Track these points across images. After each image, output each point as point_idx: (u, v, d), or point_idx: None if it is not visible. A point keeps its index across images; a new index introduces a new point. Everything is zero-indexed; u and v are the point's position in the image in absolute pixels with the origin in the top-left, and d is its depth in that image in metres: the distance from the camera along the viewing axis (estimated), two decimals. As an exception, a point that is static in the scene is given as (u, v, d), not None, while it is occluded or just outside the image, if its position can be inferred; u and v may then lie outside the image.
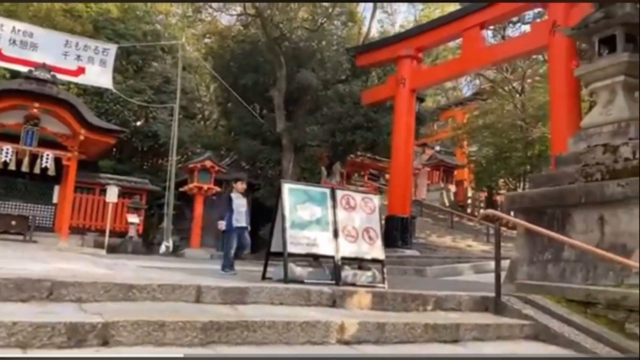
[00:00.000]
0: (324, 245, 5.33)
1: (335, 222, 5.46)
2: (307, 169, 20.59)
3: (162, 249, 18.34)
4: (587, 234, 6.82)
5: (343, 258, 5.39)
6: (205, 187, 19.52)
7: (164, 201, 19.87)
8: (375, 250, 5.60)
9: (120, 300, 4.02)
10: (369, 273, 5.57)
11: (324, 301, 4.83)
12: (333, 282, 5.30)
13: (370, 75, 21.90)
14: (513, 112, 32.37)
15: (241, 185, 7.59)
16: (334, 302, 4.86)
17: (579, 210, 6.96)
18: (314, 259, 5.40)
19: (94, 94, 22.62)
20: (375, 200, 5.82)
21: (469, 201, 38.95)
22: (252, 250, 21.88)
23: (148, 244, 20.25)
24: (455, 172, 39.94)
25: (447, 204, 37.15)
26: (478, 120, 34.15)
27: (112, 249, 17.99)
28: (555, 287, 6.02)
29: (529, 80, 32.30)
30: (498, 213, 5.86)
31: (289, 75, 20.28)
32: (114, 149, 23.68)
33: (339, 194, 5.61)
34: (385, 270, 5.58)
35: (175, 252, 18.86)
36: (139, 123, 25.67)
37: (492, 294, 5.93)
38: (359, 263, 5.59)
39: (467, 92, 43.91)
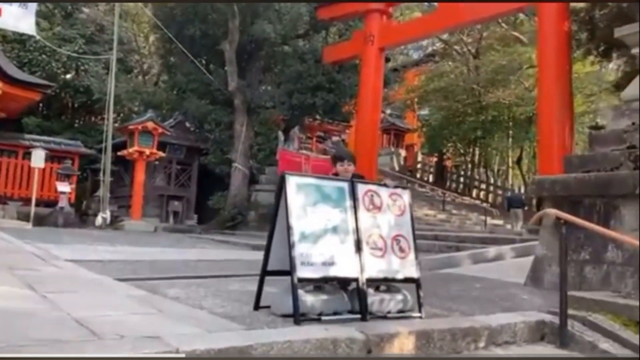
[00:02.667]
0: (344, 263, 3.79)
1: (357, 230, 3.91)
2: (261, 133, 18.78)
3: (99, 220, 16.29)
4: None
5: (369, 280, 3.88)
6: (148, 151, 17.40)
7: (99, 166, 17.64)
8: (408, 266, 4.12)
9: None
10: (399, 297, 4.10)
11: (355, 352, 3.34)
12: (357, 314, 3.80)
13: (330, 30, 20.04)
14: (467, 75, 31.59)
15: (341, 167, 4.41)
16: (368, 352, 3.38)
17: (630, 202, 5.74)
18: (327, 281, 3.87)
19: (15, 41, 19.67)
20: (406, 196, 4.30)
21: (419, 166, 38.32)
22: (199, 221, 20.15)
23: (81, 214, 18.04)
24: (406, 136, 39.11)
25: (397, 168, 36.41)
26: (431, 83, 33.11)
27: (39, 221, 15.75)
28: (624, 305, 4.77)
29: (483, 43, 31.46)
30: (563, 214, 4.49)
31: (243, 26, 18.15)
32: (40, 105, 20.90)
33: (361, 189, 4.04)
34: (421, 292, 4.12)
35: (114, 223, 16.82)
36: (68, 76, 22.85)
37: (540, 315, 4.65)
38: (387, 284, 4.11)
39: (412, 54, 42.48)
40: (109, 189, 16.78)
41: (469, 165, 36.44)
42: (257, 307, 3.94)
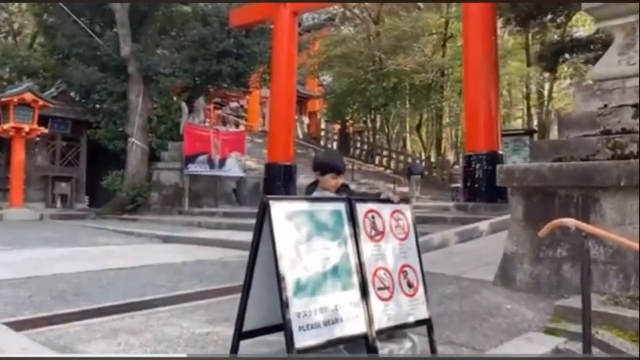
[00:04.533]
0: (349, 316, 2.82)
1: (361, 268, 2.93)
2: (161, 104, 16.92)
3: (-30, 211, 13.88)
4: (624, 227, 5.16)
5: (378, 332, 2.94)
6: (27, 127, 14.97)
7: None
8: (419, 304, 3.23)
9: None
10: (408, 344, 3.21)
11: None
12: (365, 379, 2.86)
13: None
14: (368, 42, 31.25)
15: (334, 180, 3.49)
16: None
17: (612, 195, 5.24)
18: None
19: None
20: (409, 213, 3.37)
21: (322, 133, 37.83)
22: (91, 203, 18.08)
23: (-54, 204, 15.33)
24: (308, 103, 38.32)
25: (301, 136, 35.66)
26: (333, 48, 32.42)
27: None
28: (631, 318, 4.24)
29: (384, 7, 31.19)
30: (585, 226, 3.80)
31: (135, -17, 16.02)
32: None
33: (360, 210, 3.05)
34: (433, 334, 3.26)
35: (-11, 213, 14.43)
36: None
37: (554, 340, 4.03)
38: (394, 331, 3.19)
39: (310, 19, 41.33)
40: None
41: (371, 133, 36.56)
42: (229, 381, 2.86)
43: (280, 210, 2.69)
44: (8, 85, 17.00)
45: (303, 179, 19.45)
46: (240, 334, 2.83)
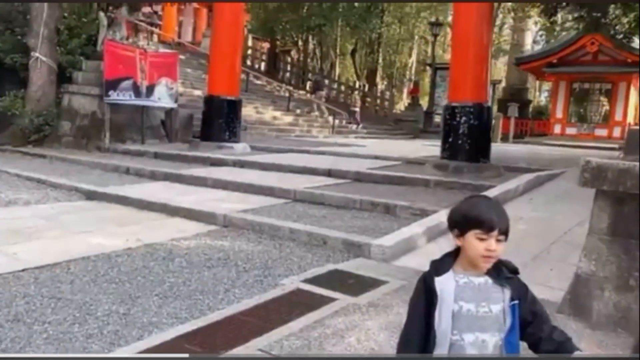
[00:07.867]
0: None
1: None
2: (73, 12, 13.77)
3: None
4: None
5: None
6: None
7: None
8: None
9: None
10: None
11: None
12: None
13: None
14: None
15: (481, 245, 1.70)
16: None
17: None
18: None
19: None
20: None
21: (249, 52, 34.79)
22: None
23: None
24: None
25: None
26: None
27: None
28: None
29: None
30: None
31: None
32: None
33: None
34: None
35: None
36: None
37: None
38: None
39: None
40: None
41: (302, 55, 34.20)
42: None
43: None
44: None
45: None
46: None
